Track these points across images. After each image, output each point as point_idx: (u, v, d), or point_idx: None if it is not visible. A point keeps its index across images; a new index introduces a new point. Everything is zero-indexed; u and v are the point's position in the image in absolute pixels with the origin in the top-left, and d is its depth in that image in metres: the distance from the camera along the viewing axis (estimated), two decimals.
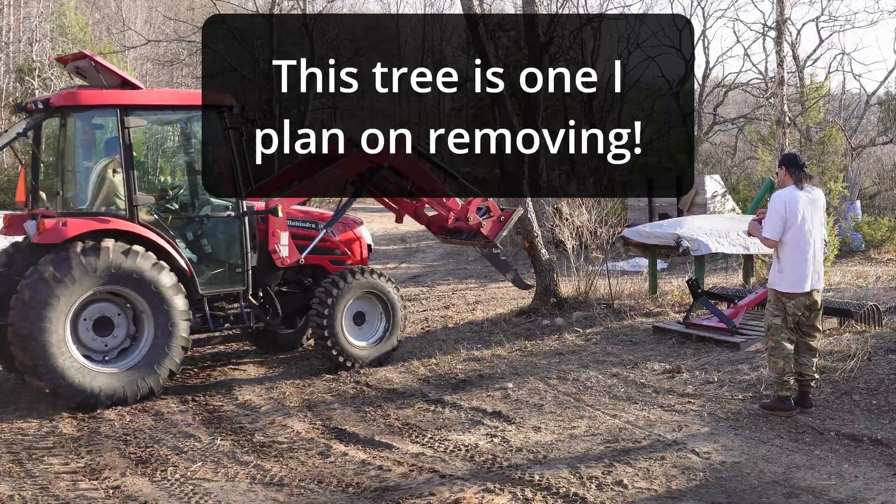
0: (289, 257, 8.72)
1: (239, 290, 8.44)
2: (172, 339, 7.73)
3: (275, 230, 8.65)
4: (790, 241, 6.70)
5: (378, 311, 9.06)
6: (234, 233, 8.39)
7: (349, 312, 8.83)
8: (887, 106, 23.74)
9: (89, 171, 8.06)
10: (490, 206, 9.93)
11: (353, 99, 46.94)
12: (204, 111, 8.43)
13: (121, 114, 7.80)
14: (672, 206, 18.65)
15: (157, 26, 36.84)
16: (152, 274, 7.61)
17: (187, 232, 8.36)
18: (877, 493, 5.22)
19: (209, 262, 8.39)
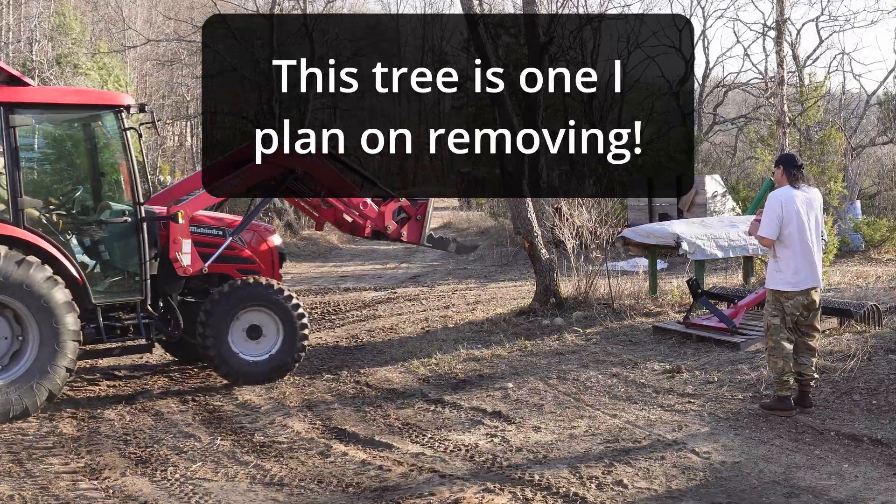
0: (191, 266, 8.21)
1: (136, 299, 7.92)
2: (61, 337, 7.22)
3: (176, 237, 8.13)
4: (787, 240, 6.72)
5: (275, 325, 8.46)
6: (132, 239, 7.87)
7: (239, 325, 8.29)
8: (887, 106, 23.72)
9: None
10: (404, 206, 9.55)
11: (353, 99, 46.99)
12: (99, 111, 7.96)
13: (5, 112, 7.33)
14: (672, 206, 18.65)
15: (157, 26, 36.82)
16: (39, 286, 7.09)
17: (81, 238, 7.87)
18: (877, 493, 5.22)
19: (105, 270, 7.91)
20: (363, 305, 13.06)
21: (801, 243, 6.72)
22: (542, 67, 15.82)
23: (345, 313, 12.43)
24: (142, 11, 38.23)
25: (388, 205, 9.43)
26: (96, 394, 8.14)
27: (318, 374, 8.77)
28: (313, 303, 13.26)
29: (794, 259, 6.73)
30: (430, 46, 56.38)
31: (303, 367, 9.16)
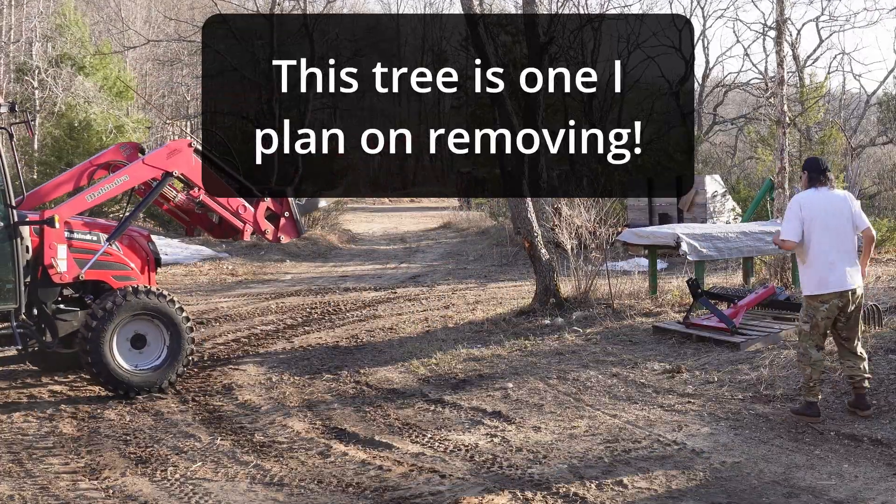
0: (67, 272, 7.97)
1: (10, 307, 7.65)
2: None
3: (51, 243, 7.85)
4: (811, 242, 6.62)
5: (161, 334, 8.25)
6: (5, 245, 7.56)
7: (123, 335, 8.06)
8: (887, 106, 23.73)
9: None
10: (270, 205, 9.37)
11: (353, 99, 47.00)
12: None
13: None
14: (672, 206, 18.65)
15: (157, 26, 36.83)
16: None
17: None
18: (877, 493, 5.22)
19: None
20: (363, 305, 13.06)
21: (824, 246, 6.62)
22: (542, 67, 15.85)
23: (345, 313, 12.43)
24: (142, 11, 38.22)
25: (258, 207, 9.27)
26: (96, 394, 8.14)
27: (318, 374, 8.77)
28: (313, 303, 13.26)
29: (819, 262, 6.62)
30: (430, 46, 56.37)
31: (303, 367, 9.18)
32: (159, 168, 8.59)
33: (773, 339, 8.94)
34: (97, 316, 7.90)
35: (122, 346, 8.05)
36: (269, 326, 11.42)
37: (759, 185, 18.84)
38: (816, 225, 6.63)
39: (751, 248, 11.43)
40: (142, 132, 28.87)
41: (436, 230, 26.28)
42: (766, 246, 11.50)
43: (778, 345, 8.77)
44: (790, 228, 6.70)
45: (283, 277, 16.78)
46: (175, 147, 8.82)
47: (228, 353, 9.93)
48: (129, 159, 8.89)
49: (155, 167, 8.58)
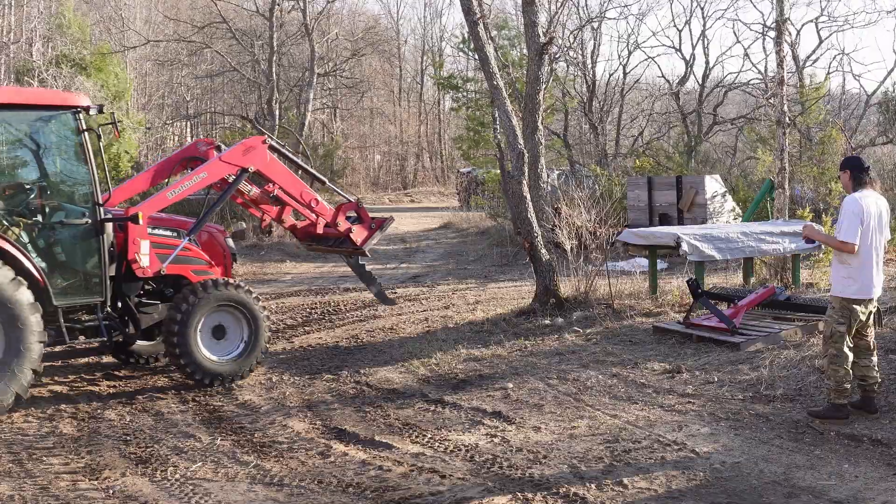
0: (150, 267, 8.22)
1: (97, 301, 7.89)
2: (26, 339, 7.14)
3: (135, 238, 8.12)
4: (864, 245, 6.50)
5: (240, 325, 8.54)
6: (92, 241, 7.81)
7: (205, 326, 8.32)
8: (886, 106, 23.73)
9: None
10: (361, 212, 9.69)
11: (353, 99, 47.02)
12: (57, 112, 7.86)
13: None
14: (672, 206, 18.65)
15: (156, 26, 36.84)
16: (8, 289, 7.05)
17: (41, 239, 7.74)
18: (877, 493, 5.22)
19: (64, 272, 7.78)
20: (363, 305, 13.06)
21: (875, 248, 6.55)
22: (542, 67, 15.84)
23: (345, 313, 12.43)
24: (142, 11, 38.23)
25: (344, 206, 9.60)
26: (96, 394, 8.14)
27: (318, 374, 8.77)
28: (313, 303, 13.26)
29: (868, 266, 6.53)
30: (430, 47, 56.38)
31: (303, 367, 9.18)
32: (236, 164, 8.81)
33: (774, 339, 8.94)
34: (182, 308, 8.14)
35: (205, 337, 8.30)
36: None
37: (759, 185, 18.83)
38: (870, 229, 6.51)
39: (751, 249, 11.43)
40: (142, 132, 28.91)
41: (436, 230, 26.26)
42: (767, 246, 11.51)
43: (778, 345, 8.77)
44: (852, 230, 6.46)
45: (283, 277, 16.79)
46: (250, 144, 9.03)
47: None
48: (204, 156, 9.18)
49: (231, 164, 8.81)
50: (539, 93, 15.93)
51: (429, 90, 56.13)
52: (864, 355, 6.75)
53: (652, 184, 19.40)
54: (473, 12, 11.63)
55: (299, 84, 32.55)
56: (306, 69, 30.78)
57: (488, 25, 15.55)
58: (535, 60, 15.50)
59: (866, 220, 6.49)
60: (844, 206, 6.60)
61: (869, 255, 6.54)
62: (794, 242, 11.50)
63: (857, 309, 6.59)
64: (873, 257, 6.57)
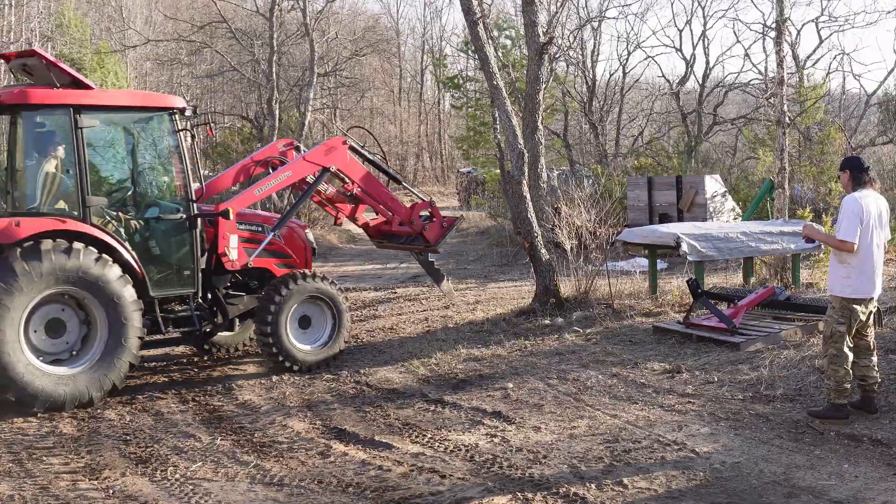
0: (238, 260, 8.70)
1: (189, 292, 8.39)
2: (128, 332, 7.66)
3: (225, 233, 8.59)
4: (863, 245, 6.49)
5: (324, 316, 9.08)
6: (185, 235, 8.31)
7: (294, 316, 8.82)
8: (887, 106, 23.73)
9: (39, 171, 7.87)
10: (434, 211, 10.07)
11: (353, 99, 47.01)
12: (156, 113, 8.34)
13: (74, 113, 7.72)
14: (672, 206, 18.65)
15: (157, 26, 36.84)
16: (98, 270, 7.51)
17: (138, 234, 8.22)
18: (877, 493, 5.22)
19: (160, 265, 8.26)
20: (363, 305, 13.06)
21: (874, 248, 6.55)
22: (542, 67, 15.85)
23: None
24: (142, 11, 38.23)
25: (418, 205, 9.99)
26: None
27: (318, 374, 8.78)
28: None
29: (868, 266, 6.53)
30: (430, 47, 56.35)
31: None
32: (318, 164, 9.32)
33: (773, 339, 8.94)
34: (275, 299, 8.63)
35: (294, 327, 8.82)
36: None
37: (759, 185, 18.83)
38: (869, 228, 6.50)
39: (751, 249, 11.43)
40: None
41: None
42: (767, 246, 11.50)
43: (778, 345, 8.77)
44: (852, 229, 6.44)
45: None
46: (332, 144, 9.55)
47: (229, 352, 9.92)
48: (283, 156, 9.65)
49: (314, 163, 9.32)
50: (539, 93, 15.93)
51: (429, 90, 56.16)
52: (864, 355, 6.75)
53: (652, 184, 19.40)
54: (473, 12, 11.62)
55: (299, 84, 32.54)
56: (306, 69, 30.78)
57: (488, 25, 15.55)
58: (535, 60, 15.50)
59: (866, 219, 6.49)
60: (844, 205, 6.59)
61: (868, 255, 6.54)
62: (794, 242, 11.50)
63: (856, 309, 6.58)
64: (873, 257, 6.56)
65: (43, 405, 7.32)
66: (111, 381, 7.65)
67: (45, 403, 7.32)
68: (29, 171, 7.96)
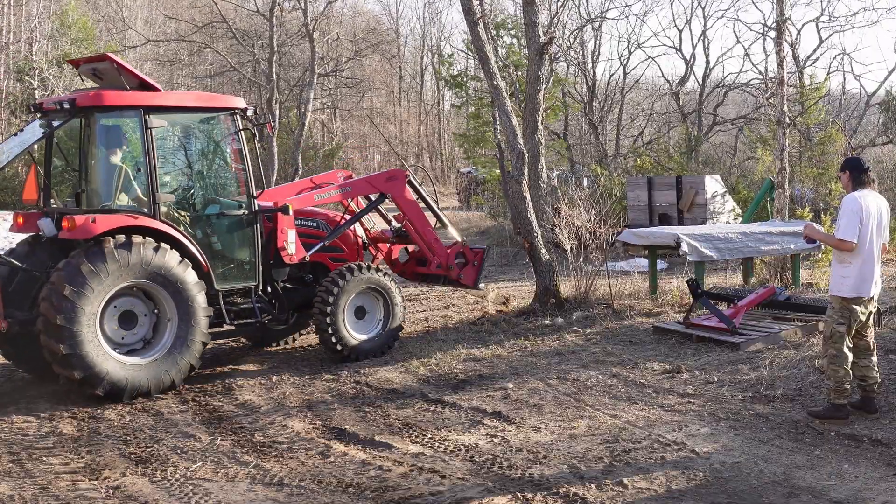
0: (296, 254, 9.05)
1: (251, 285, 8.78)
2: (194, 334, 8.02)
3: (283, 228, 8.96)
4: (863, 245, 6.49)
5: (378, 306, 9.44)
6: (247, 230, 8.69)
7: (351, 306, 9.17)
8: (887, 106, 23.72)
9: (111, 170, 8.29)
10: (465, 251, 10.39)
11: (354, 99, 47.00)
12: (219, 113, 8.72)
13: (144, 115, 8.06)
14: (672, 207, 18.64)
15: (157, 26, 36.84)
16: (179, 271, 7.91)
17: (205, 229, 8.59)
18: (877, 493, 5.22)
19: (223, 259, 8.65)
20: None
21: (874, 249, 6.55)
22: (542, 67, 15.84)
23: None
24: (142, 11, 38.22)
25: (453, 248, 10.30)
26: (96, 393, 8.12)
27: (318, 374, 8.78)
28: None
29: (867, 265, 6.52)
30: (430, 46, 56.33)
31: (303, 367, 9.18)
32: (377, 188, 9.96)
33: (773, 339, 8.94)
34: (333, 290, 8.98)
35: (350, 317, 9.19)
36: None
37: (759, 185, 18.82)
38: (868, 228, 6.50)
39: (751, 249, 11.43)
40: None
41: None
42: (767, 246, 11.50)
43: (778, 345, 8.77)
44: (851, 229, 6.44)
45: None
46: (393, 174, 10.19)
47: (229, 352, 9.92)
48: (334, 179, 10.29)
49: (374, 186, 9.98)
50: (539, 93, 15.92)
51: (429, 90, 56.12)
52: (863, 355, 6.75)
53: (652, 184, 19.39)
54: (473, 12, 11.62)
55: (299, 84, 32.55)
56: (306, 69, 30.78)
57: (488, 25, 15.55)
58: (535, 60, 15.49)
59: (865, 218, 6.49)
60: (844, 204, 6.60)
61: (868, 255, 6.54)
62: (794, 242, 11.50)
63: (856, 309, 6.58)
64: (872, 256, 6.57)
65: (105, 390, 7.59)
66: (170, 378, 7.95)
67: (107, 388, 7.59)
68: (102, 170, 8.36)
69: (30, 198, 8.37)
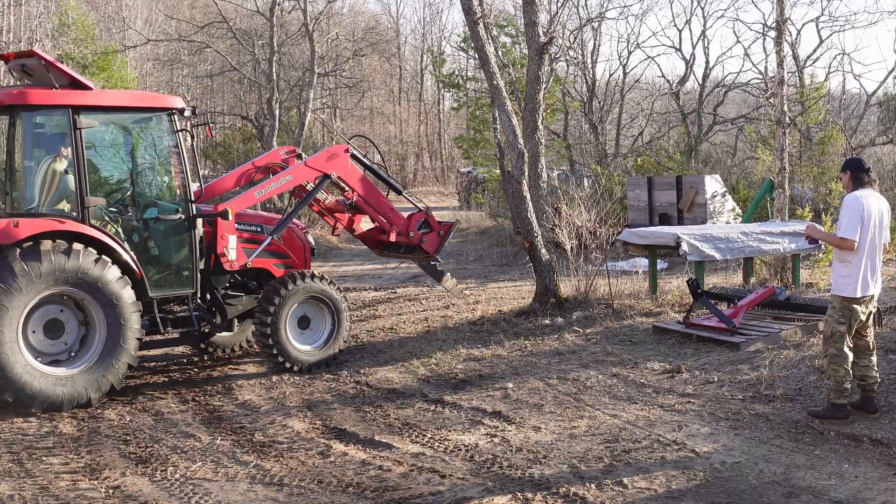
0: (237, 260, 8.74)
1: (188, 292, 8.42)
2: (126, 332, 7.69)
3: (223, 233, 8.64)
4: (864, 244, 6.49)
5: (323, 316, 9.15)
6: (184, 236, 8.33)
7: (294, 316, 8.87)
8: (887, 106, 23.71)
9: (37, 172, 7.87)
10: (430, 219, 10.08)
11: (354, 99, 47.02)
12: (154, 113, 8.34)
13: (72, 114, 7.72)
14: (672, 206, 18.65)
15: (157, 26, 36.82)
16: (97, 271, 7.52)
17: (137, 234, 8.25)
18: (877, 493, 5.22)
19: (158, 265, 8.30)
20: (363, 305, 13.06)
21: (874, 247, 6.54)
22: (542, 67, 15.83)
23: None
24: (142, 11, 38.20)
25: (415, 215, 9.96)
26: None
27: (318, 374, 8.78)
28: None
29: (867, 265, 6.52)
30: (430, 46, 56.31)
31: None
32: (319, 170, 9.39)
33: (773, 339, 8.94)
34: (274, 300, 8.68)
35: (293, 327, 8.89)
36: None
37: (759, 185, 18.82)
38: (869, 227, 6.50)
39: (751, 249, 11.43)
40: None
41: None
42: (767, 246, 11.50)
43: (778, 345, 8.77)
44: (852, 227, 6.45)
45: None
46: (334, 152, 9.60)
47: (227, 353, 9.92)
48: (285, 163, 9.70)
49: (315, 169, 9.39)
50: (539, 93, 15.91)
51: (428, 90, 56.12)
52: (863, 355, 6.75)
53: (652, 184, 19.39)
54: (473, 12, 11.62)
55: (299, 84, 32.54)
56: (306, 69, 30.77)
57: (489, 25, 15.53)
58: (535, 60, 15.49)
59: (867, 218, 6.49)
60: (845, 203, 6.60)
61: (869, 254, 6.54)
62: (794, 242, 11.50)
63: (857, 309, 6.58)
64: (874, 256, 6.57)
65: (41, 406, 7.33)
66: (109, 382, 7.67)
67: (42, 404, 7.33)
68: (28, 171, 7.94)
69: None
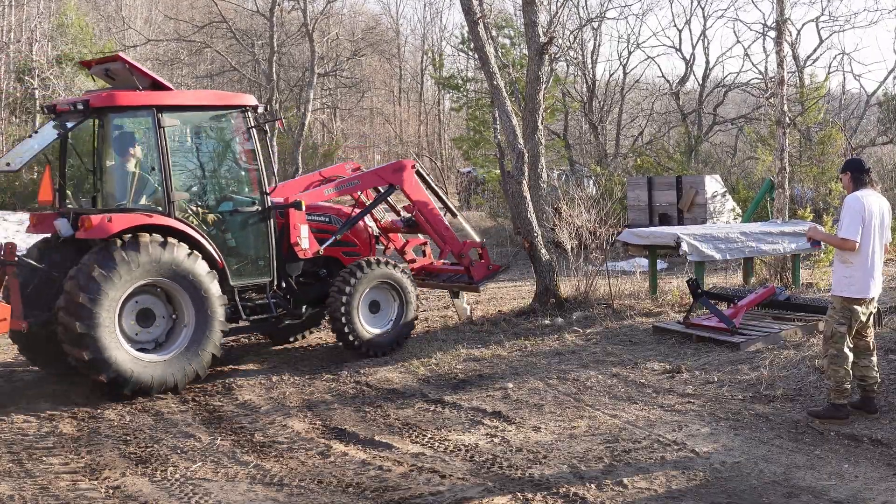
0: (309, 249, 9.19)
1: (266, 280, 8.88)
2: (213, 324, 8.12)
3: (296, 223, 9.10)
4: (865, 244, 6.49)
5: (392, 301, 9.53)
6: (261, 227, 8.80)
7: (366, 301, 9.27)
8: (887, 106, 23.71)
9: (125, 170, 8.39)
10: (483, 252, 10.51)
11: (354, 99, 46.99)
12: (231, 111, 8.78)
13: (156, 114, 8.16)
14: (672, 206, 18.65)
15: (157, 26, 36.82)
16: (189, 264, 7.97)
17: (219, 226, 8.66)
18: (877, 493, 5.22)
19: (238, 255, 8.75)
20: None
21: (876, 247, 6.54)
22: (542, 67, 15.83)
23: None
24: (142, 11, 38.21)
25: (468, 242, 10.55)
26: (96, 393, 8.13)
27: (318, 374, 8.78)
28: None
29: (868, 265, 6.52)
30: (430, 46, 56.29)
31: (302, 367, 9.18)
32: (386, 180, 10.08)
33: (773, 339, 8.94)
34: (350, 283, 9.08)
35: (364, 311, 9.30)
36: None
37: (759, 185, 18.83)
38: (871, 228, 6.50)
39: (751, 249, 11.43)
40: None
41: None
42: (767, 246, 11.50)
43: (778, 345, 8.77)
44: (854, 227, 6.45)
45: None
46: (400, 165, 10.29)
47: (229, 352, 9.92)
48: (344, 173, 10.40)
49: (383, 178, 10.10)
50: (539, 93, 15.90)
51: (429, 90, 56.08)
52: (863, 355, 6.75)
53: (652, 184, 19.39)
54: (473, 12, 11.62)
55: (299, 84, 32.55)
56: (306, 69, 30.78)
57: (489, 25, 15.53)
58: (535, 60, 15.47)
59: (868, 218, 6.50)
60: (846, 203, 6.60)
61: (870, 254, 6.54)
62: (794, 242, 11.50)
63: (857, 309, 6.59)
64: (875, 256, 6.57)
65: (132, 388, 7.72)
66: (195, 370, 8.07)
67: (134, 387, 7.72)
68: (116, 170, 8.44)
69: (45, 199, 8.42)
